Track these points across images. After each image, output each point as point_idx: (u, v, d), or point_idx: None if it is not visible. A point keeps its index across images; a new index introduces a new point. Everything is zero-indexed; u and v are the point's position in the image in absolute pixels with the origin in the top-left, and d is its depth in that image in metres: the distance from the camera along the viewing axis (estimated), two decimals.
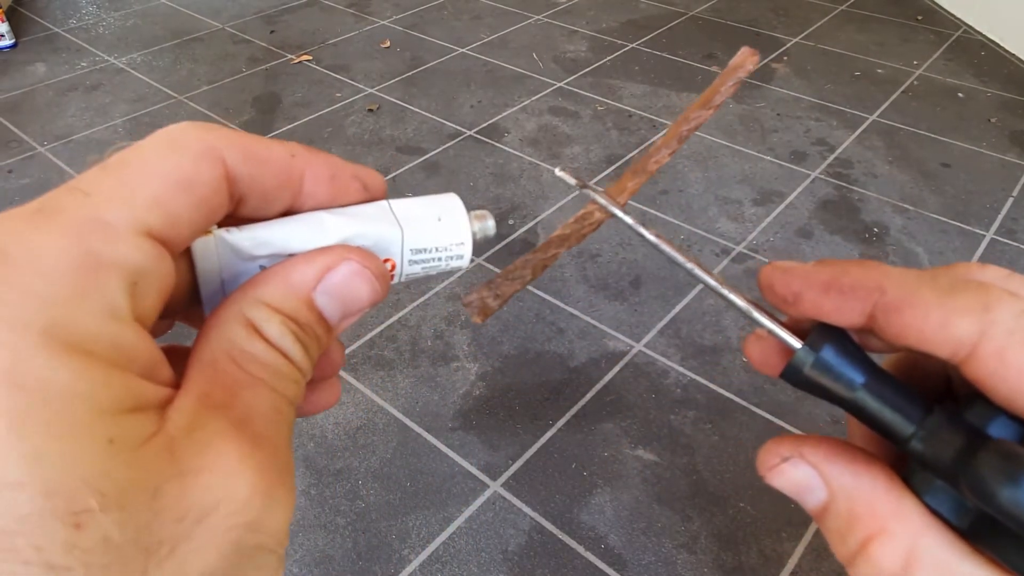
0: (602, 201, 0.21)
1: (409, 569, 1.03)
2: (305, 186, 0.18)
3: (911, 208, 1.68)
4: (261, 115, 2.05)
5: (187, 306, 0.19)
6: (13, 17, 2.55)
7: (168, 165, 0.16)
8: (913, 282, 0.16)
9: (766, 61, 2.30)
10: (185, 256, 0.18)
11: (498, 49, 2.40)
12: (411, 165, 1.84)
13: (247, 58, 2.36)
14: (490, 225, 0.21)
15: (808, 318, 0.18)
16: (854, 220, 1.65)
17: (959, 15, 2.55)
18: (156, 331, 0.17)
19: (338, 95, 2.14)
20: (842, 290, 0.17)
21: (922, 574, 0.16)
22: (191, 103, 2.11)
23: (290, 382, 0.17)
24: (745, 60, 0.22)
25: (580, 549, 1.05)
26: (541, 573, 1.02)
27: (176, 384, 0.16)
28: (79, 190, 0.15)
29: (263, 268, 0.18)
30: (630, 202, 1.65)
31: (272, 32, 2.53)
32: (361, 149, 1.91)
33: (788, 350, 0.18)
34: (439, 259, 0.20)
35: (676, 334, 1.38)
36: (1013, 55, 2.30)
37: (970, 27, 2.49)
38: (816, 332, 0.18)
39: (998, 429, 0.16)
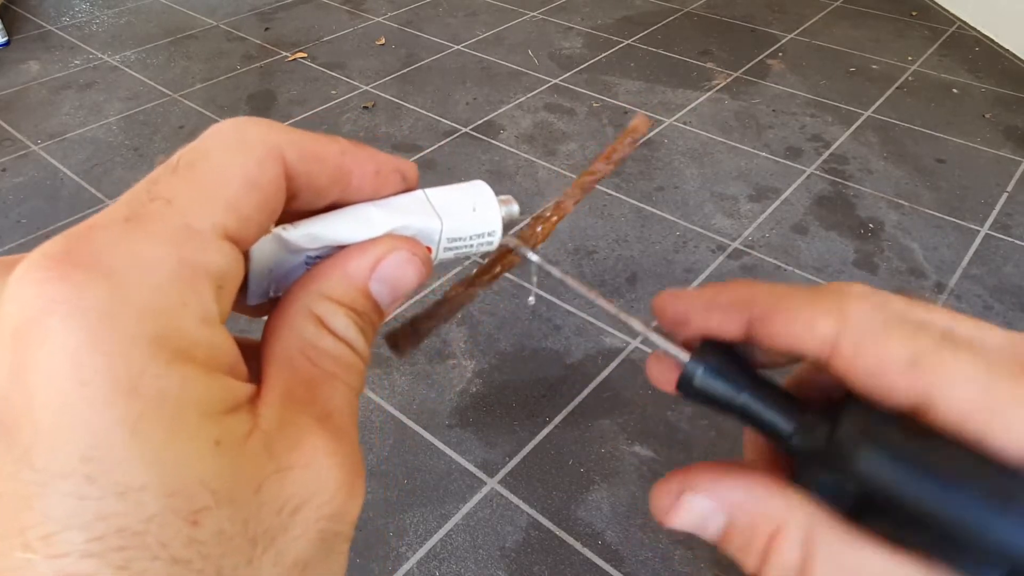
0: (514, 244, 0.24)
1: (407, 566, 1.03)
2: (353, 182, 0.19)
3: (906, 204, 1.69)
4: (256, 113, 2.05)
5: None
6: (6, 15, 2.54)
7: (236, 167, 0.16)
8: (781, 293, 0.19)
9: (761, 57, 2.30)
10: None
11: (493, 46, 2.39)
12: None
13: (242, 55, 2.35)
14: (515, 209, 0.23)
15: (699, 336, 0.21)
16: (849, 216, 1.66)
17: (954, 11, 2.56)
18: None
19: (333, 92, 2.14)
20: (721, 307, 0.20)
21: (819, 559, 0.17)
22: (185, 101, 2.10)
23: (356, 373, 0.18)
24: (640, 124, 0.25)
25: (577, 545, 1.05)
26: (538, 569, 1.03)
27: (251, 379, 0.16)
28: (160, 197, 0.15)
29: (309, 259, 0.19)
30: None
31: (267, 29, 2.52)
32: None
33: (680, 366, 0.20)
34: (471, 245, 0.22)
35: None
36: (1007, 51, 2.31)
37: (964, 23, 2.49)
38: (702, 346, 0.20)
39: None
